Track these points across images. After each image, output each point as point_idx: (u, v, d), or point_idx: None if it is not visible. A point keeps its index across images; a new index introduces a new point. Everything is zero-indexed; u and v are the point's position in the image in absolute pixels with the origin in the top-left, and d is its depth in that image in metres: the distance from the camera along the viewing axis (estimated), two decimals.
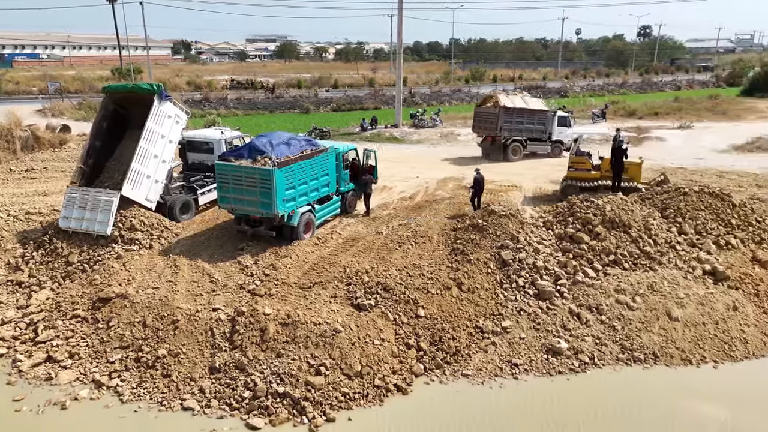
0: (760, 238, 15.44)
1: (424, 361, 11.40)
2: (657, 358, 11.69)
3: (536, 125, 26.82)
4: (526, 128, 26.61)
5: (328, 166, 16.65)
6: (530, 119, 26.64)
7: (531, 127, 26.74)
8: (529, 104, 27.37)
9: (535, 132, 26.93)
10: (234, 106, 48.20)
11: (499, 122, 25.79)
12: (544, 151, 27.45)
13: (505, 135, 26.11)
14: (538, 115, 26.85)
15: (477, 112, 27.76)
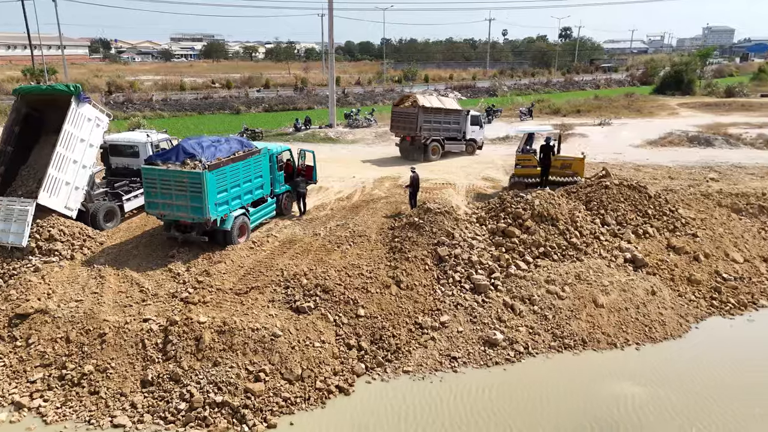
0: (673, 226, 16.57)
1: (366, 361, 11.42)
2: (585, 344, 12.29)
3: (452, 124, 27.05)
4: (443, 128, 26.75)
5: (262, 168, 16.34)
6: (447, 119, 26.82)
7: (448, 126, 26.93)
8: (445, 104, 27.61)
9: (452, 131, 27.13)
10: (160, 107, 46.31)
11: (418, 122, 25.69)
12: (459, 149, 27.67)
13: (424, 135, 26.06)
14: (453, 115, 27.11)
15: (395, 112, 27.48)
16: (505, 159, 27.65)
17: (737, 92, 57.29)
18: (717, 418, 9.86)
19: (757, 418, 9.78)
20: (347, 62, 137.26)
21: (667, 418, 9.95)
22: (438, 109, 26.58)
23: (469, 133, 27.82)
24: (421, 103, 26.03)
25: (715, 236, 16.33)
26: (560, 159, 20.25)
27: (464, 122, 27.48)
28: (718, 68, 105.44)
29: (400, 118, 26.92)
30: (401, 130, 27.00)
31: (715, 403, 10.29)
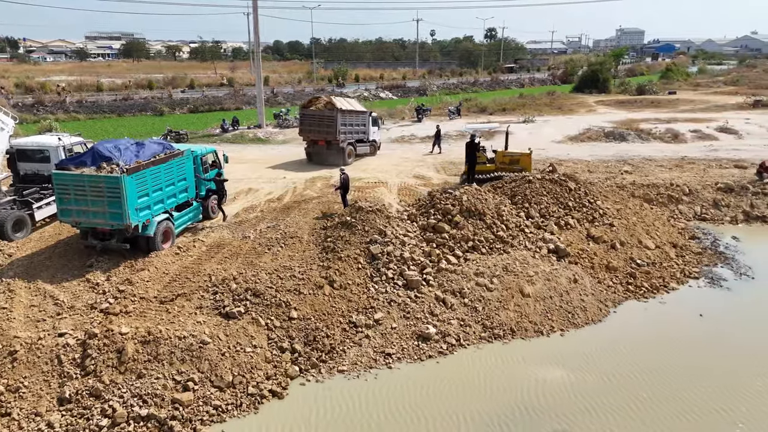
0: (592, 217, 17.46)
1: (300, 363, 11.28)
2: (514, 333, 12.71)
3: (360, 126, 26.56)
4: (354, 130, 26.14)
5: (186, 171, 15.77)
6: (357, 120, 26.29)
7: (358, 128, 26.38)
8: (354, 106, 27.09)
9: (360, 133, 26.59)
10: (75, 109, 43.70)
11: (337, 125, 24.65)
12: (365, 151, 27.26)
13: (341, 138, 25.11)
14: (362, 117, 26.66)
15: (305, 115, 25.90)
16: (435, 157, 28.22)
17: (647, 90, 61.23)
18: (616, 400, 10.43)
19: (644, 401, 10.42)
20: (276, 62, 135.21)
21: (583, 400, 10.44)
22: (351, 111, 26.03)
23: (371, 134, 27.42)
24: (339, 105, 25.25)
25: (629, 225, 17.34)
26: (509, 155, 20.85)
27: (369, 124, 27.04)
28: (631, 68, 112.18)
29: (315, 121, 25.42)
30: (316, 133, 25.62)
31: (621, 385, 10.90)
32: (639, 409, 10.16)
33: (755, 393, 10.54)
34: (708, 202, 21.23)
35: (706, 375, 11.14)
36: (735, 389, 10.66)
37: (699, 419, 9.90)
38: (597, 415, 10.02)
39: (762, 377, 11.01)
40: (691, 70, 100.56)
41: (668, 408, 10.16)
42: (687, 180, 22.72)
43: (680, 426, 9.75)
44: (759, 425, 9.72)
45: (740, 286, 15.19)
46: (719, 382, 10.88)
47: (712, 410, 10.10)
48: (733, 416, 9.94)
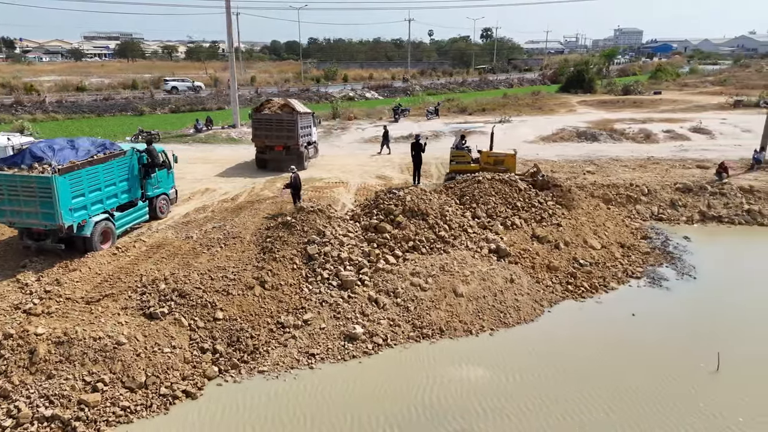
0: (540, 217, 17.48)
1: (220, 363, 11.28)
2: (443, 332, 12.72)
3: (309, 128, 25.83)
4: (307, 132, 25.43)
5: (129, 171, 15.78)
6: (308, 122, 25.60)
7: (309, 131, 25.72)
8: (304, 108, 26.19)
9: (309, 135, 25.84)
10: (54, 110, 43.68)
11: (296, 129, 23.84)
12: (312, 154, 26.44)
13: (301, 141, 24.42)
14: (310, 118, 25.95)
15: (259, 119, 24.44)
16: (402, 157, 28.22)
17: (633, 90, 61.22)
18: (528, 399, 10.44)
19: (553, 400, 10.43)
20: (272, 62, 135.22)
21: (497, 399, 10.44)
22: (305, 113, 25.32)
23: (313, 136, 26.71)
24: (298, 108, 24.55)
25: (577, 225, 17.36)
26: (493, 155, 20.73)
27: (313, 125, 26.45)
28: (623, 68, 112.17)
29: (272, 126, 24.12)
30: (271, 138, 24.33)
31: (536, 384, 10.92)
32: (547, 408, 10.17)
33: (666, 395, 10.55)
34: (665, 202, 21.26)
35: (622, 375, 11.14)
36: (646, 390, 10.67)
37: (600, 420, 9.90)
38: (505, 415, 10.02)
39: (676, 379, 11.03)
40: (683, 70, 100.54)
41: (575, 407, 10.17)
42: (647, 180, 22.73)
43: (579, 427, 9.75)
44: (662, 425, 9.73)
45: (680, 286, 15.21)
46: (631, 383, 10.88)
47: (612, 411, 10.11)
48: (637, 417, 9.94)
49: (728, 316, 13.61)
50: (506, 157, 20.82)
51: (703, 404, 10.22)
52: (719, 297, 14.61)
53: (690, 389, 10.69)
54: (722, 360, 11.34)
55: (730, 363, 11.31)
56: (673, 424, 9.75)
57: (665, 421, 9.80)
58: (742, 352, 11.90)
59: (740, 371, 11.20)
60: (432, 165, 26.04)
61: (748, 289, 15.21)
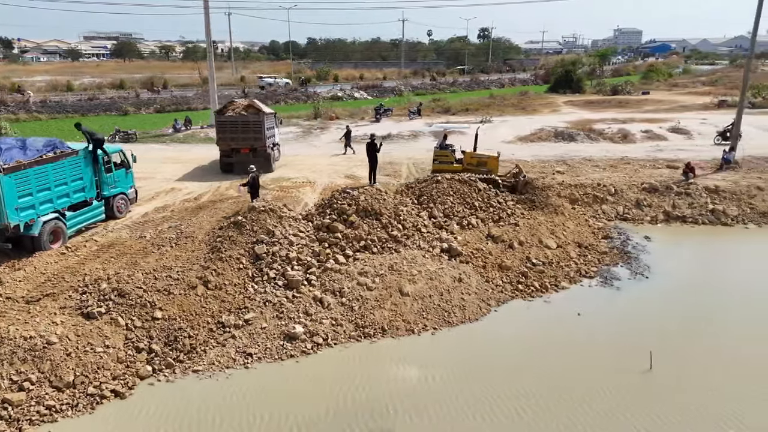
0: (498, 216, 17.50)
1: (154, 363, 11.29)
2: (385, 332, 12.73)
3: (274, 129, 25.32)
4: (272, 134, 24.94)
5: (82, 170, 15.79)
6: (272, 123, 25.13)
7: (273, 131, 25.16)
8: (267, 108, 25.65)
9: (273, 136, 25.27)
10: (37, 109, 43.72)
11: (263, 130, 23.34)
12: (276, 155, 25.86)
13: (268, 143, 23.87)
14: (273, 119, 25.41)
15: (222, 122, 23.62)
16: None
17: (621, 90, 61.21)
18: (462, 397, 10.46)
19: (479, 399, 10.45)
20: (269, 62, 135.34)
21: (432, 399, 10.46)
22: (270, 113, 24.85)
23: (276, 137, 26.18)
24: (264, 109, 24.06)
25: (534, 224, 17.36)
26: (476, 156, 20.63)
27: (276, 126, 25.96)
28: (617, 68, 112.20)
29: (237, 128, 23.41)
30: (237, 141, 23.59)
31: (469, 383, 10.93)
32: (472, 407, 10.18)
33: (595, 393, 10.56)
34: (631, 202, 21.28)
35: (556, 374, 11.15)
36: (577, 389, 10.68)
37: (526, 418, 9.91)
38: (429, 414, 10.03)
39: (608, 378, 11.03)
40: (677, 71, 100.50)
41: (501, 406, 10.18)
42: (616, 180, 22.74)
43: (504, 427, 9.76)
44: (585, 424, 9.74)
45: (630, 285, 15.22)
46: (564, 382, 10.89)
47: (540, 409, 10.12)
48: (566, 416, 9.95)
49: (671, 315, 13.62)
50: (489, 158, 20.72)
51: (630, 403, 10.22)
52: (666, 297, 14.63)
53: (620, 388, 10.69)
54: (657, 359, 11.35)
55: (664, 362, 11.32)
56: (597, 422, 9.75)
57: (592, 420, 9.80)
58: (678, 351, 11.92)
59: (672, 370, 11.21)
60: (404, 165, 26.06)
61: (697, 289, 15.25)
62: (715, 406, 10.15)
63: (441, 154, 21.15)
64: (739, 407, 10.07)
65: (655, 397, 10.43)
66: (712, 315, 13.75)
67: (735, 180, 22.39)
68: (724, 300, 14.67)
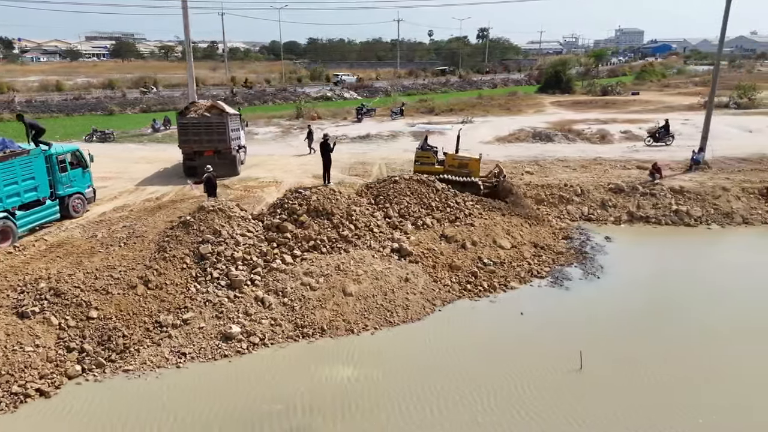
0: (455, 216, 17.48)
1: (84, 363, 11.28)
2: (324, 332, 12.71)
3: (239, 131, 24.74)
4: (238, 136, 24.36)
5: (34, 170, 15.81)
6: (237, 125, 24.54)
7: (239, 133, 24.61)
8: (232, 110, 25.02)
9: (238, 138, 24.52)
10: (22, 109, 43.71)
11: (228, 132, 22.71)
12: (243, 157, 25.27)
13: (233, 145, 23.18)
14: (238, 120, 24.87)
15: (186, 124, 22.81)
16: (349, 157, 28.26)
17: (611, 91, 61.10)
18: (385, 397, 10.47)
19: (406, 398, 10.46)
20: (267, 62, 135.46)
21: (367, 396, 10.46)
22: (235, 115, 24.24)
23: (242, 139, 25.59)
24: (228, 110, 23.34)
25: (490, 224, 17.33)
26: (458, 158, 20.31)
27: (242, 128, 25.37)
28: (613, 68, 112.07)
29: (198, 130, 22.70)
30: (201, 143, 22.80)
31: (398, 382, 10.92)
32: (394, 407, 10.16)
33: (523, 393, 10.53)
34: (597, 203, 21.25)
35: (487, 374, 11.12)
36: (505, 389, 10.66)
37: (445, 418, 9.88)
38: (352, 413, 10.02)
39: (538, 377, 11.00)
40: (672, 71, 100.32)
41: (424, 407, 10.15)
42: (583, 181, 22.69)
43: (419, 424, 9.74)
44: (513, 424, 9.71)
45: (580, 285, 15.20)
46: (492, 382, 10.87)
47: (464, 410, 10.10)
48: (491, 416, 9.93)
49: (613, 316, 13.61)
50: (471, 161, 20.31)
51: (556, 402, 10.19)
52: (613, 297, 14.61)
53: (548, 387, 10.66)
54: (591, 358, 11.32)
55: (595, 362, 11.30)
56: (517, 420, 9.73)
57: (510, 417, 9.78)
58: (612, 351, 11.89)
59: (602, 370, 11.19)
60: (376, 165, 26.06)
61: (646, 290, 15.22)
62: (644, 403, 10.11)
63: (422, 155, 20.81)
64: (666, 403, 10.04)
65: (580, 397, 10.39)
66: (654, 314, 13.72)
67: (702, 181, 22.33)
68: (670, 299, 14.68)
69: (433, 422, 9.79)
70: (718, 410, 10.01)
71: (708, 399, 10.38)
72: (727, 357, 11.71)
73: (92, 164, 18.96)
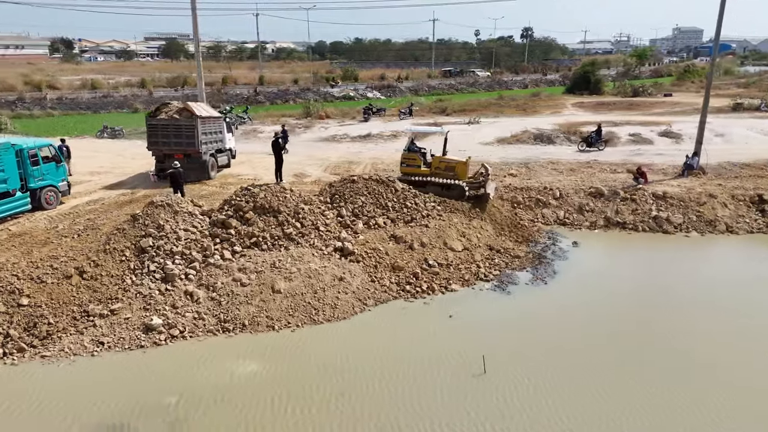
0: (411, 217, 17.30)
1: (7, 347, 11.80)
2: (245, 327, 12.84)
3: (218, 134, 23.87)
4: (214, 139, 23.46)
5: (3, 163, 16.62)
6: (215, 128, 23.59)
7: (216, 137, 23.70)
8: (210, 111, 24.24)
9: (218, 142, 23.87)
10: (52, 106, 46.19)
11: (197, 135, 21.76)
12: (224, 162, 24.52)
13: (203, 149, 22.21)
14: (218, 123, 24.00)
15: (155, 126, 22.17)
16: (341, 155, 28.37)
17: (642, 92, 58.91)
18: (281, 393, 10.48)
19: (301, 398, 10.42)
20: (309, 62, 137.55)
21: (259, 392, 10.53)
22: (210, 117, 23.28)
23: (227, 142, 25.09)
24: (198, 112, 22.25)
25: (444, 226, 17.05)
26: (445, 161, 19.74)
27: (224, 131, 24.62)
28: (657, 68, 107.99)
29: (167, 132, 21.98)
30: (168, 146, 22.01)
31: (302, 380, 10.91)
32: (292, 403, 10.17)
33: (424, 397, 10.34)
34: (574, 207, 20.61)
35: (388, 377, 10.97)
36: (408, 392, 10.50)
37: (343, 418, 9.82)
38: (238, 407, 10.09)
39: (442, 382, 10.77)
40: (718, 72, 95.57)
41: (314, 405, 10.12)
42: (565, 184, 22.02)
43: (308, 421, 9.71)
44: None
45: (523, 290, 14.81)
46: (393, 386, 10.71)
47: (360, 411, 10.01)
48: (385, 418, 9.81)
49: (543, 322, 13.14)
50: (457, 164, 19.64)
51: (446, 405, 9.96)
52: (551, 303, 14.11)
53: (444, 391, 10.43)
54: (498, 364, 11.03)
55: (501, 367, 10.98)
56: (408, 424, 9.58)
57: (405, 421, 9.63)
58: (524, 357, 11.51)
59: (505, 374, 10.86)
60: (362, 165, 26.06)
61: (589, 298, 14.59)
62: (545, 407, 9.77)
63: (408, 157, 20.22)
64: (565, 408, 9.67)
65: (477, 402, 10.11)
66: (588, 323, 13.16)
67: (691, 187, 21.27)
68: (611, 308, 13.98)
69: (305, 422, 9.74)
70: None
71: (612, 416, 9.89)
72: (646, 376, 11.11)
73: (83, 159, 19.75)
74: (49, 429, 9.69)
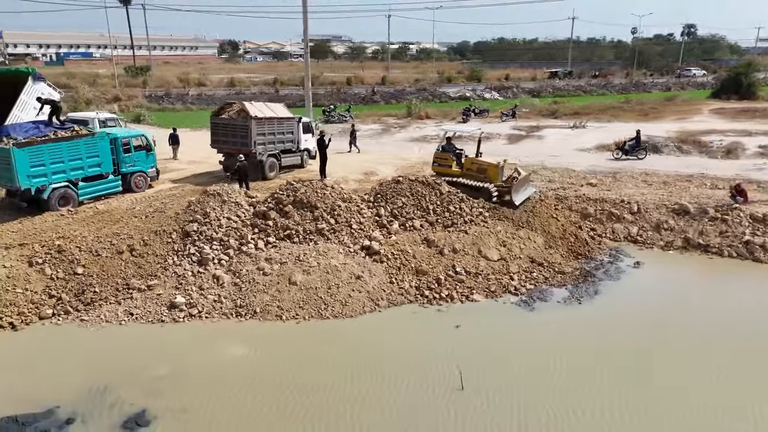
0: (451, 222, 16.82)
1: (57, 308, 13.63)
2: (256, 314, 13.48)
3: (286, 135, 23.62)
4: (278, 140, 23.24)
5: (98, 150, 19.11)
6: (280, 129, 23.30)
7: (282, 137, 23.44)
8: (277, 112, 23.82)
9: (287, 143, 23.74)
10: (191, 101, 51.78)
11: (251, 136, 21.81)
12: (294, 162, 24.42)
13: (259, 150, 22.26)
14: (286, 124, 23.68)
15: (216, 124, 22.93)
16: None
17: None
18: (256, 383, 10.84)
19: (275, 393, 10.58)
20: (450, 62, 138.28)
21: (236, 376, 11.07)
22: (271, 118, 23.03)
23: (302, 143, 24.92)
24: (252, 113, 22.12)
25: (484, 234, 16.29)
26: (477, 163, 19.75)
27: (297, 131, 24.31)
28: None
29: (227, 132, 22.57)
30: (228, 145, 22.61)
31: (281, 372, 11.19)
32: (266, 393, 10.53)
33: (404, 410, 10.11)
34: (651, 224, 18.51)
35: (366, 385, 10.84)
36: (380, 402, 10.34)
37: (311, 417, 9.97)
38: (210, 388, 10.67)
39: (423, 396, 10.41)
40: None
41: (286, 401, 10.37)
42: (647, 198, 19.80)
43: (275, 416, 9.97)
44: None
45: (550, 308, 13.72)
46: (368, 394, 10.58)
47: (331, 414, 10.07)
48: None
49: (549, 347, 11.98)
50: (489, 166, 19.28)
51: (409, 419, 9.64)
52: (570, 325, 12.83)
53: (417, 404, 10.09)
54: (476, 383, 10.38)
55: (480, 386, 10.31)
56: None
57: None
58: (505, 380, 10.65)
59: (481, 394, 10.17)
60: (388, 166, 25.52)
61: (621, 327, 12.96)
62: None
63: (440, 156, 20.49)
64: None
65: (455, 417, 9.65)
66: (607, 355, 11.74)
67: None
68: (642, 343, 12.23)
69: (271, 416, 9.98)
70: None
71: None
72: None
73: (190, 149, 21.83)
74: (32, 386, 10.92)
